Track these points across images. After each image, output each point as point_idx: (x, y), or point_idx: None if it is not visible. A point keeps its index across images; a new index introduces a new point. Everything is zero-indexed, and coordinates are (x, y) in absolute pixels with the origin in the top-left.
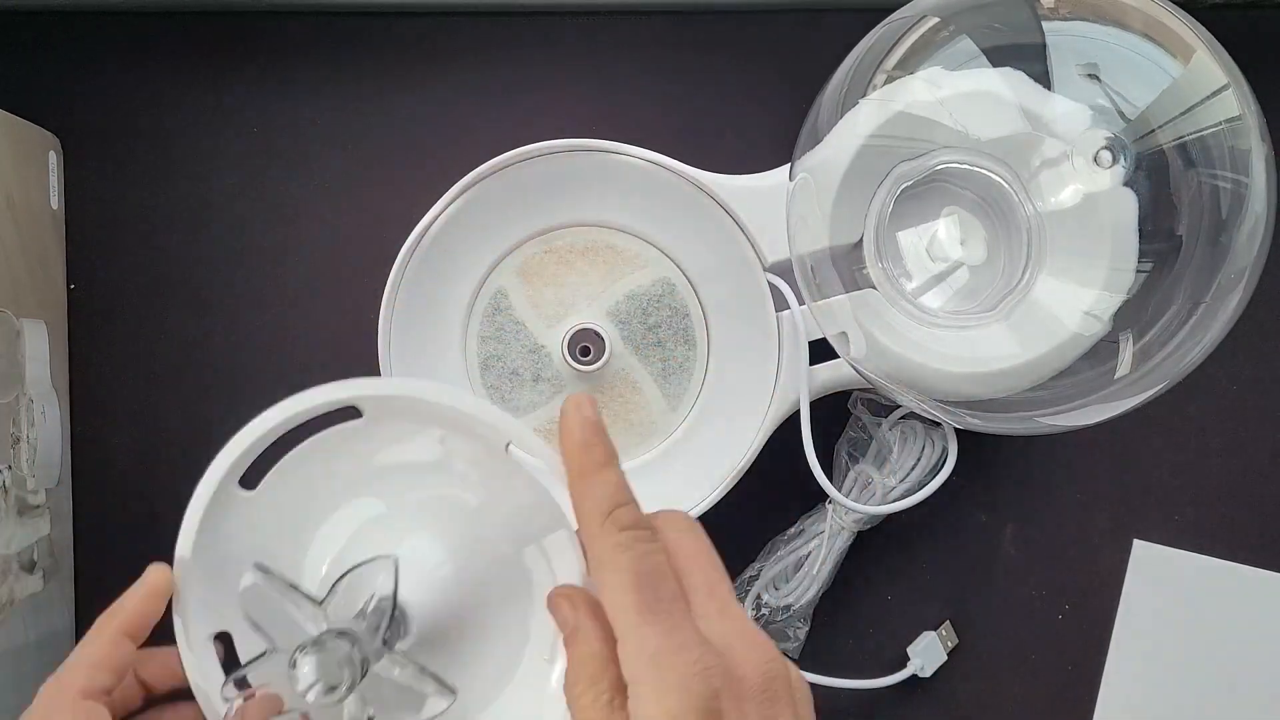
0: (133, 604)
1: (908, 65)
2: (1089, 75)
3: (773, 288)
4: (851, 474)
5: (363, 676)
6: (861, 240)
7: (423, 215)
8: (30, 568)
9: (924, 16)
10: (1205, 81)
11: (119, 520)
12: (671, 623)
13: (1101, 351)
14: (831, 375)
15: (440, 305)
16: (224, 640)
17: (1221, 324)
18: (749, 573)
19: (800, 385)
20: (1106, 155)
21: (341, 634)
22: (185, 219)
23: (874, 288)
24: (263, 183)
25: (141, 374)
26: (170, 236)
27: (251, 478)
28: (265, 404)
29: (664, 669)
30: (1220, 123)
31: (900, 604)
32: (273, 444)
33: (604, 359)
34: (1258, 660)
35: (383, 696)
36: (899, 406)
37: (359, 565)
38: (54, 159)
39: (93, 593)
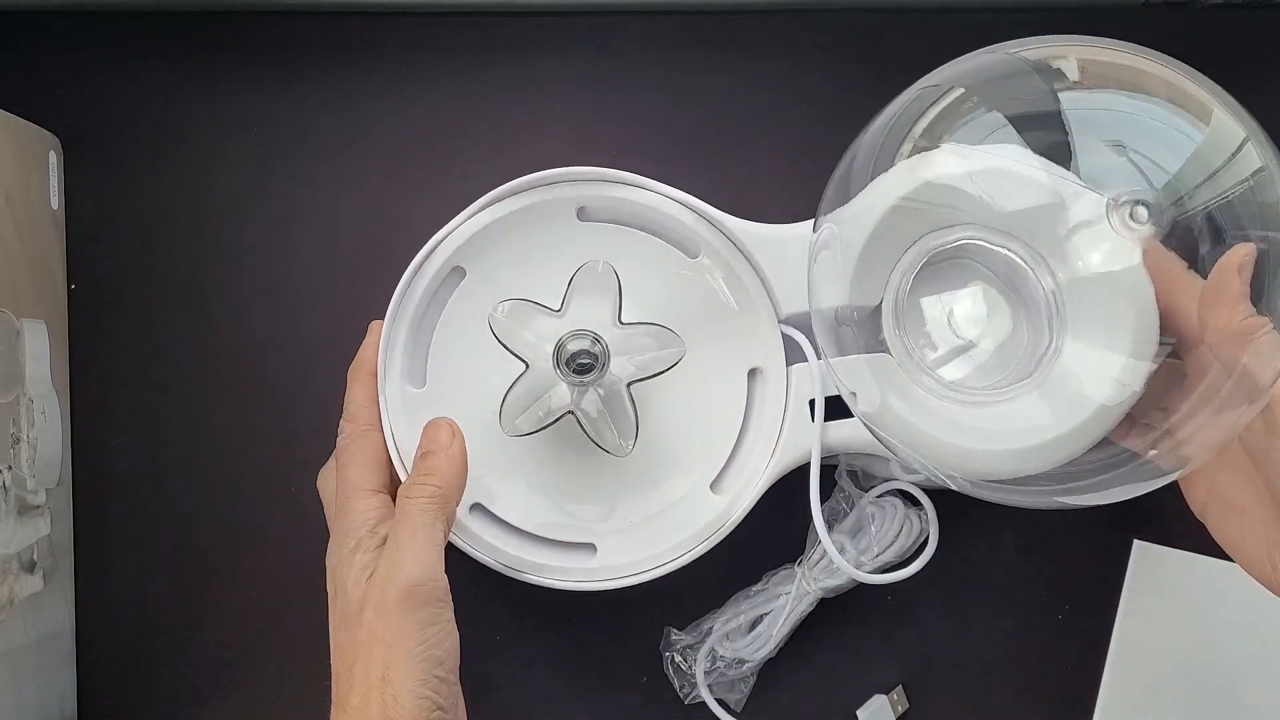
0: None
1: (934, 134)
2: (1114, 145)
3: (788, 339)
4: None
5: (602, 370)
6: (880, 305)
7: (422, 214)
8: (30, 568)
9: (952, 87)
10: (1226, 140)
11: (119, 520)
12: None
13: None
14: (848, 434)
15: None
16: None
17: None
18: (707, 623)
19: (813, 440)
20: (1143, 211)
21: (584, 331)
22: (186, 219)
23: (890, 354)
24: (263, 183)
25: (141, 374)
26: (171, 236)
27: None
28: (266, 404)
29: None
30: (1246, 178)
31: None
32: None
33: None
34: (1258, 660)
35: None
36: (884, 481)
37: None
38: (54, 159)
39: (93, 593)
